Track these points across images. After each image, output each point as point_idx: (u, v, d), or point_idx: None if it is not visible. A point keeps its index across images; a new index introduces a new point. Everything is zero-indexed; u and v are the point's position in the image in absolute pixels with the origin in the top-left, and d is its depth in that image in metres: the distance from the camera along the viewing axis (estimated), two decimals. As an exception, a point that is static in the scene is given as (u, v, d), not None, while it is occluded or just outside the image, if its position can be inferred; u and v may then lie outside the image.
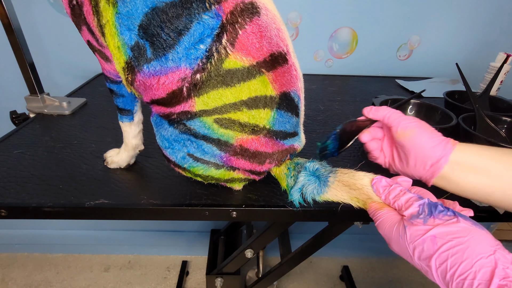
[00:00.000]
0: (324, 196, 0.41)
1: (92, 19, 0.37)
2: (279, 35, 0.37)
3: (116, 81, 0.44)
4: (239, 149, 0.40)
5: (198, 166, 0.41)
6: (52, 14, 0.89)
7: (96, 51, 0.42)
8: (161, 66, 0.35)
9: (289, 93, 0.39)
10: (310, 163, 0.42)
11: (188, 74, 0.35)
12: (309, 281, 1.32)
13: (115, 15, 0.35)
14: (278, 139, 0.41)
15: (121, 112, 0.48)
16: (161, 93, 0.37)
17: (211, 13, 0.33)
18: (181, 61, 0.34)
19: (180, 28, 0.33)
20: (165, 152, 0.42)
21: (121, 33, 0.35)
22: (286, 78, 0.38)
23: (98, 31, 0.38)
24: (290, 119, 0.41)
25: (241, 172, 0.43)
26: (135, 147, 0.51)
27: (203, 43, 0.34)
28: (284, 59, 0.38)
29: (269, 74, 0.37)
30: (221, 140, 0.39)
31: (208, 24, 0.33)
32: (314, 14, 0.94)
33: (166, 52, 0.34)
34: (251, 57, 0.35)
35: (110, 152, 0.53)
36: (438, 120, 0.63)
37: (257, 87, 0.37)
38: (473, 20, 0.98)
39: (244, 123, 0.38)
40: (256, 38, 0.35)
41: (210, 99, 0.36)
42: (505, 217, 0.46)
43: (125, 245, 1.38)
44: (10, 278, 1.26)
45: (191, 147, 0.40)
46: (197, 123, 0.38)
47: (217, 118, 0.37)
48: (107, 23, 0.36)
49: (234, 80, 0.35)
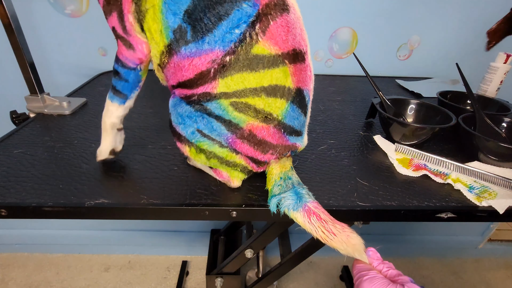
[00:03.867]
0: (295, 215, 0.40)
1: (129, 5, 0.39)
2: (301, 35, 0.41)
3: (130, 67, 0.45)
4: (247, 134, 0.41)
5: (204, 141, 0.42)
6: (52, 14, 0.89)
7: (119, 38, 0.43)
8: (197, 48, 0.37)
9: (303, 90, 0.42)
10: (299, 187, 0.42)
11: (219, 56, 0.37)
12: (309, 281, 1.32)
13: (163, 0, 0.37)
14: (285, 133, 0.43)
15: (116, 93, 0.48)
16: (189, 74, 0.39)
17: (251, 2, 0.36)
18: (216, 44, 0.37)
19: (221, 13, 0.36)
20: (178, 128, 0.43)
21: (166, 17, 0.38)
22: (302, 75, 0.41)
23: (132, 18, 0.40)
24: (299, 116, 0.43)
25: (243, 158, 0.43)
26: (113, 125, 0.50)
27: (238, 28, 0.37)
28: (303, 57, 0.40)
29: (291, 66, 0.39)
30: (233, 122, 0.40)
31: (246, 12, 0.36)
32: (314, 14, 0.94)
33: (204, 35, 0.37)
34: (277, 47, 0.38)
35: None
36: (438, 120, 0.63)
37: (279, 76, 0.39)
38: (473, 20, 0.98)
39: (259, 110, 0.40)
40: (283, 31, 0.38)
41: (233, 82, 0.38)
42: (505, 217, 0.46)
43: (125, 245, 1.38)
44: (10, 278, 1.26)
45: (201, 123, 0.41)
46: (214, 104, 0.40)
47: (233, 101, 0.39)
48: (152, 8, 0.38)
49: (259, 65, 0.38)
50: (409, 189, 0.50)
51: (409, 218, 0.46)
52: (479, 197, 0.48)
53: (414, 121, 0.68)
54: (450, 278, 1.39)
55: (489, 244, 1.48)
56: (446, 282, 1.37)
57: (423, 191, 0.49)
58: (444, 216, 0.46)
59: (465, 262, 1.47)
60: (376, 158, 0.58)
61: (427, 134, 0.58)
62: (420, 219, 0.47)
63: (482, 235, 1.46)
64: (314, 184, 0.50)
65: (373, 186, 0.50)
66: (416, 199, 0.47)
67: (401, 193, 0.49)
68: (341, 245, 0.38)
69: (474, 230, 1.45)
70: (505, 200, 0.46)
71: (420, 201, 0.47)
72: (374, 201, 0.47)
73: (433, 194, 0.49)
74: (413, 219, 0.47)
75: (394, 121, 0.60)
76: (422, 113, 0.67)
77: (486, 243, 1.47)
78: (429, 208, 0.46)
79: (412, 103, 0.68)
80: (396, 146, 0.59)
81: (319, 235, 0.39)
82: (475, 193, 0.49)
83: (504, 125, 0.63)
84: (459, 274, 1.41)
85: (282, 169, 0.45)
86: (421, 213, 0.46)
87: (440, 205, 0.46)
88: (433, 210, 0.46)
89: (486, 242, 1.47)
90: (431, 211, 0.46)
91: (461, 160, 0.55)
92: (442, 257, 1.48)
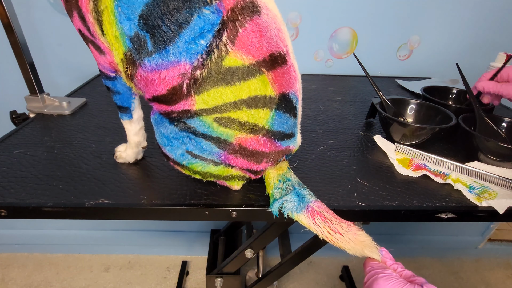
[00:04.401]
0: (299, 217, 0.40)
1: (87, 3, 0.36)
2: (279, 35, 0.37)
3: (110, 76, 0.44)
4: (238, 148, 0.40)
5: (197, 162, 0.41)
6: (52, 14, 0.89)
7: (89, 42, 0.41)
8: (162, 60, 0.35)
9: (288, 94, 0.39)
10: (300, 188, 0.42)
11: (188, 70, 0.35)
12: (309, 281, 1.32)
13: (114, 1, 0.34)
14: (276, 139, 0.41)
15: (120, 110, 0.48)
16: (162, 89, 0.37)
17: (212, 7, 0.33)
18: (182, 55, 0.34)
19: (180, 21, 0.33)
20: (164, 149, 0.42)
21: (120, 21, 0.35)
22: (285, 78, 0.38)
23: (92, 18, 0.37)
24: (288, 120, 0.41)
25: (239, 170, 0.43)
26: (137, 144, 0.52)
27: (203, 38, 0.33)
28: (283, 59, 0.37)
29: (269, 74, 0.36)
30: (221, 138, 0.39)
31: (209, 19, 0.33)
32: (314, 14, 0.94)
33: (166, 45, 0.34)
34: (251, 55, 0.35)
35: (120, 147, 0.53)
36: (438, 120, 0.63)
37: (257, 87, 0.36)
38: (473, 20, 0.98)
39: (244, 122, 0.38)
40: (256, 37, 0.34)
41: (210, 97, 0.36)
42: (505, 217, 0.46)
43: (125, 245, 1.38)
44: (10, 278, 1.26)
45: (189, 144, 0.40)
46: (197, 122, 0.38)
47: (217, 117, 0.37)
48: (106, 9, 0.35)
49: (234, 78, 0.35)
50: (409, 189, 0.50)
51: (409, 218, 0.46)
52: (479, 197, 0.48)
53: (414, 121, 0.68)
54: (450, 278, 1.39)
55: (489, 244, 1.48)
56: (446, 282, 1.37)
57: (423, 191, 0.49)
58: (444, 216, 0.46)
59: (465, 262, 1.47)
60: (376, 158, 0.58)
61: (427, 134, 0.58)
62: (420, 219, 0.47)
63: (482, 235, 1.46)
64: (314, 184, 0.50)
65: (373, 186, 0.50)
66: (416, 199, 0.47)
67: (401, 193, 0.49)
68: (348, 244, 0.38)
69: (474, 230, 1.45)
70: (505, 200, 0.46)
71: (420, 201, 0.47)
72: (374, 201, 0.47)
73: (433, 194, 0.49)
74: (413, 219, 0.47)
75: (394, 121, 0.60)
76: (422, 113, 0.67)
77: (486, 243, 1.47)
78: (429, 208, 0.46)
79: (412, 103, 0.68)
80: (396, 146, 0.59)
81: (325, 236, 0.39)
82: (475, 193, 0.49)
83: (504, 125, 0.63)
84: (459, 274, 1.41)
85: (279, 171, 0.44)
86: (421, 213, 0.46)
87: (440, 205, 0.46)
88: (433, 210, 0.46)
89: (486, 242, 1.47)
90: (431, 211, 0.46)
91: (461, 160, 0.55)
92: (442, 257, 1.48)
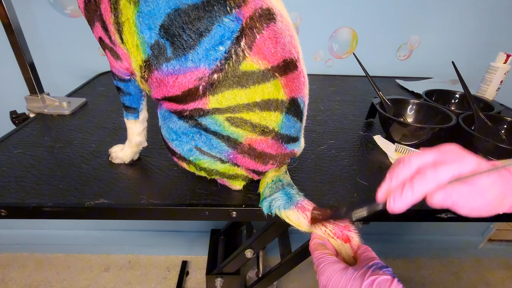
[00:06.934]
0: (287, 213, 0.40)
1: (109, 16, 0.38)
2: (291, 42, 0.38)
3: (124, 79, 0.45)
4: (247, 148, 0.40)
5: (204, 159, 0.42)
6: (52, 14, 0.89)
7: (107, 49, 0.42)
8: (181, 66, 0.36)
9: (297, 99, 0.41)
10: (289, 188, 0.43)
11: (206, 74, 0.36)
12: (309, 281, 1.32)
13: (136, 13, 0.36)
14: (283, 142, 0.42)
15: (127, 109, 0.49)
16: (176, 90, 0.38)
17: (232, 16, 0.34)
18: (201, 61, 0.35)
19: (201, 30, 0.34)
20: (171, 144, 0.42)
21: (141, 31, 0.36)
22: (295, 84, 0.40)
23: (113, 29, 0.38)
24: (295, 124, 0.42)
25: (244, 170, 0.43)
26: (138, 144, 0.52)
27: (222, 45, 0.35)
28: (294, 65, 0.39)
29: (282, 78, 0.38)
30: (231, 137, 0.39)
31: (229, 27, 0.34)
32: (314, 14, 0.94)
33: (186, 52, 0.35)
34: (266, 61, 0.36)
35: (115, 147, 0.53)
36: (438, 120, 0.63)
37: (270, 90, 0.38)
38: (473, 20, 0.98)
39: (256, 124, 0.39)
40: (271, 44, 0.36)
41: (224, 99, 0.37)
42: (505, 217, 0.46)
43: (125, 245, 1.38)
44: (10, 278, 1.26)
45: (199, 140, 0.40)
46: (208, 120, 0.39)
47: (229, 117, 0.38)
48: (127, 21, 0.36)
49: (249, 82, 0.37)
50: (409, 189, 0.50)
51: (409, 218, 0.46)
52: (479, 197, 0.48)
53: (414, 121, 0.68)
54: (450, 278, 1.39)
55: (489, 244, 1.48)
56: (446, 282, 1.37)
57: (423, 191, 0.49)
58: (444, 216, 0.46)
59: (465, 262, 1.47)
60: (376, 158, 0.58)
61: (427, 134, 0.58)
62: (420, 219, 0.47)
63: (482, 235, 1.46)
64: (314, 184, 0.50)
65: (373, 186, 0.50)
66: (416, 199, 0.47)
67: (401, 193, 0.48)
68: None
69: (474, 230, 1.45)
70: (505, 200, 0.46)
71: (420, 201, 0.47)
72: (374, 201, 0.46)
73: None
74: (413, 219, 0.47)
75: (394, 121, 0.60)
76: (422, 113, 0.67)
77: (486, 243, 1.47)
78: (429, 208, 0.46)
79: (412, 103, 0.68)
80: (396, 146, 0.59)
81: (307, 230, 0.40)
82: (475, 193, 0.49)
83: (504, 125, 0.63)
84: (459, 274, 1.41)
85: (276, 172, 0.45)
86: (421, 213, 0.46)
87: (440, 205, 0.46)
88: (433, 210, 0.46)
89: (486, 242, 1.47)
90: (431, 211, 0.46)
91: (461, 160, 0.55)
92: (442, 257, 1.48)
